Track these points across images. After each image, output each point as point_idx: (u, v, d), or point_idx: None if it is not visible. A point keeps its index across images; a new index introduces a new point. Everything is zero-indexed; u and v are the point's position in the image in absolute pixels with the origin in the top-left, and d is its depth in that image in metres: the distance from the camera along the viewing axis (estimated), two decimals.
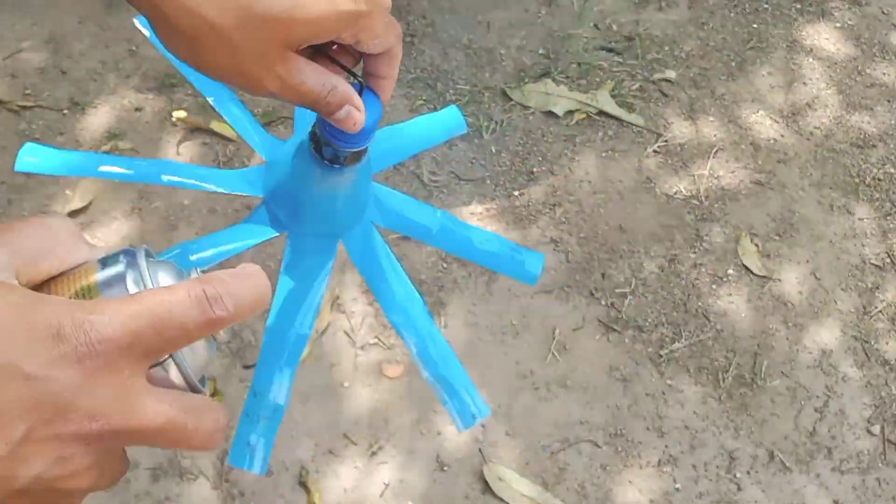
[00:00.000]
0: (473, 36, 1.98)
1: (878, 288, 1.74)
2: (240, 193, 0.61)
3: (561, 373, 1.53)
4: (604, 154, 1.83)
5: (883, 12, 2.21)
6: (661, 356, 1.58)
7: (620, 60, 2.00)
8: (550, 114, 1.87)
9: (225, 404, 1.41)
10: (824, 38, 2.13)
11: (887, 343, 1.67)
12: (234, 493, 1.34)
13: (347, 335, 1.51)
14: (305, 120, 0.61)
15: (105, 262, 0.33)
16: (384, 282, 0.61)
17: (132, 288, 0.32)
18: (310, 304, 0.58)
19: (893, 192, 1.89)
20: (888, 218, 1.84)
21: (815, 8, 2.19)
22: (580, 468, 1.45)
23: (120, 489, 1.32)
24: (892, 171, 1.92)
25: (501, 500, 1.39)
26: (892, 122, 2.01)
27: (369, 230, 0.63)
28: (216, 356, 0.33)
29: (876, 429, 1.57)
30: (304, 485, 1.36)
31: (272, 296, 0.33)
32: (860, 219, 1.83)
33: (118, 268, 0.32)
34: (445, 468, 1.41)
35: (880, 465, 1.53)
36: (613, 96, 1.92)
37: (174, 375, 0.32)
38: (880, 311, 1.71)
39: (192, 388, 0.33)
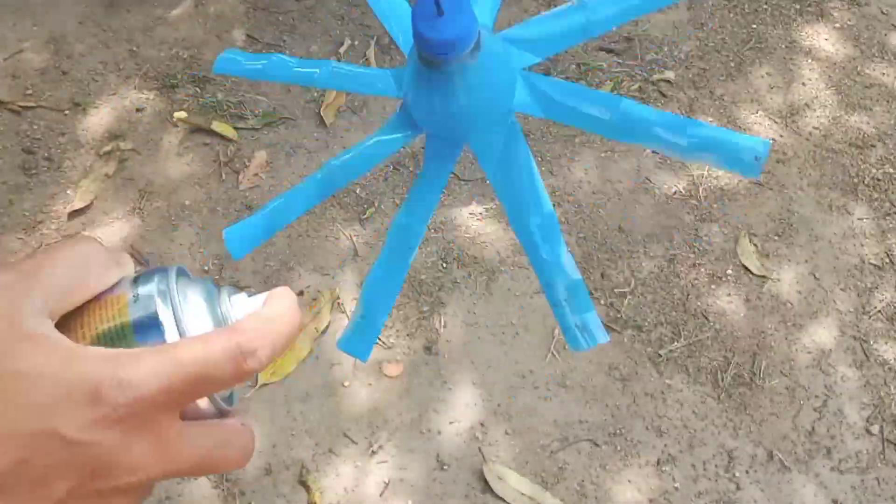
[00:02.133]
0: None
1: (876, 288, 1.74)
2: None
3: (560, 372, 1.54)
4: (603, 154, 1.84)
5: (882, 12, 2.22)
6: (660, 356, 1.58)
7: (620, 61, 2.00)
8: None
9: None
10: (823, 38, 2.14)
11: (886, 343, 1.67)
12: (234, 492, 1.34)
13: None
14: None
15: (136, 288, 0.32)
16: (518, 198, 0.56)
17: (164, 320, 0.32)
18: (428, 207, 0.56)
19: (892, 192, 1.89)
20: (887, 218, 1.85)
21: (815, 8, 2.19)
22: (579, 467, 1.45)
23: None
24: (891, 171, 1.93)
25: (501, 499, 1.39)
26: (891, 122, 2.01)
27: (511, 137, 0.56)
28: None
29: (875, 428, 1.57)
30: (304, 484, 1.37)
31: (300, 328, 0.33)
32: (859, 219, 1.84)
33: (148, 298, 0.32)
34: (445, 467, 1.41)
35: (879, 464, 1.53)
36: None
37: (203, 403, 0.33)
38: (879, 311, 1.71)
39: (221, 411, 0.34)
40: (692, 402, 1.55)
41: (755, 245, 1.76)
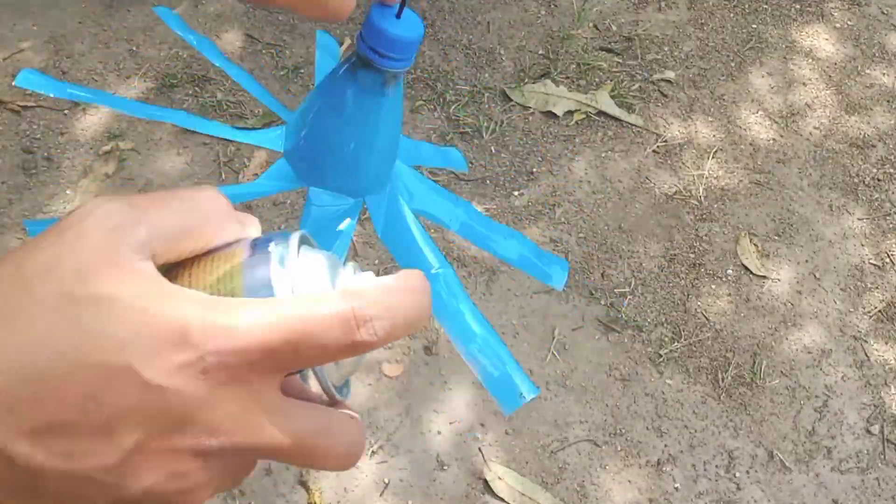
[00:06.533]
0: (473, 36, 1.98)
1: (877, 288, 1.74)
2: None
3: (560, 372, 1.54)
4: (603, 154, 1.84)
5: (882, 12, 2.22)
6: (660, 356, 1.58)
7: (620, 61, 2.00)
8: (550, 114, 1.87)
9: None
10: (823, 38, 2.14)
11: (886, 343, 1.67)
12: (234, 492, 1.34)
13: None
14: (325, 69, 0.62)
15: (254, 248, 0.29)
16: (412, 250, 0.59)
17: (277, 283, 0.28)
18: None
19: (892, 193, 1.89)
20: (887, 218, 1.85)
21: (815, 8, 2.19)
22: (580, 467, 1.45)
23: None
24: (892, 171, 1.92)
25: (501, 499, 1.39)
26: (892, 122, 2.01)
27: (394, 196, 0.61)
28: (363, 362, 0.29)
29: (875, 429, 1.57)
30: (303, 484, 1.36)
31: (431, 311, 0.28)
32: (859, 219, 1.83)
33: (264, 257, 0.28)
34: (445, 468, 1.41)
35: (879, 464, 1.53)
36: (613, 97, 1.92)
37: (313, 384, 0.29)
38: (879, 311, 1.71)
39: (331, 399, 0.30)
40: (692, 403, 1.54)
41: (755, 245, 1.76)
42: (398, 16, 0.49)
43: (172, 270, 0.29)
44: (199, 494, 0.27)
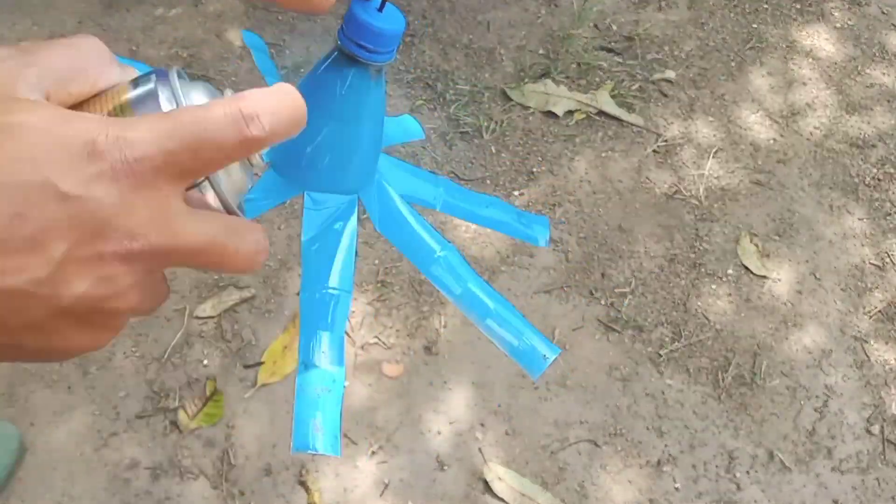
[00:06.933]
0: (473, 36, 1.98)
1: (877, 288, 1.74)
2: None
3: (561, 373, 1.53)
4: (603, 154, 1.84)
5: (883, 12, 2.22)
6: (660, 356, 1.58)
7: (620, 60, 2.00)
8: (550, 114, 1.87)
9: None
10: (824, 38, 2.14)
11: (886, 343, 1.67)
12: (233, 492, 1.34)
13: (347, 335, 1.51)
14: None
15: (137, 82, 0.31)
16: (413, 237, 0.59)
17: (165, 106, 0.30)
18: (342, 260, 0.57)
19: (893, 192, 1.89)
20: (888, 218, 1.85)
21: (815, 8, 2.19)
22: (580, 468, 1.45)
23: (120, 488, 1.32)
24: (892, 171, 1.92)
25: (501, 500, 1.39)
26: (892, 122, 2.01)
27: (382, 187, 0.61)
28: (252, 183, 0.32)
29: (875, 429, 1.57)
30: (303, 484, 1.36)
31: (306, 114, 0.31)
32: (860, 219, 1.83)
33: (150, 86, 0.31)
34: (445, 468, 1.41)
35: (880, 464, 1.53)
36: (613, 96, 1.92)
37: (211, 198, 0.32)
38: (880, 311, 1.71)
39: (229, 212, 0.32)
40: (693, 403, 1.54)
41: (756, 245, 1.75)
42: (380, 9, 0.49)
43: None
44: (127, 298, 0.29)
